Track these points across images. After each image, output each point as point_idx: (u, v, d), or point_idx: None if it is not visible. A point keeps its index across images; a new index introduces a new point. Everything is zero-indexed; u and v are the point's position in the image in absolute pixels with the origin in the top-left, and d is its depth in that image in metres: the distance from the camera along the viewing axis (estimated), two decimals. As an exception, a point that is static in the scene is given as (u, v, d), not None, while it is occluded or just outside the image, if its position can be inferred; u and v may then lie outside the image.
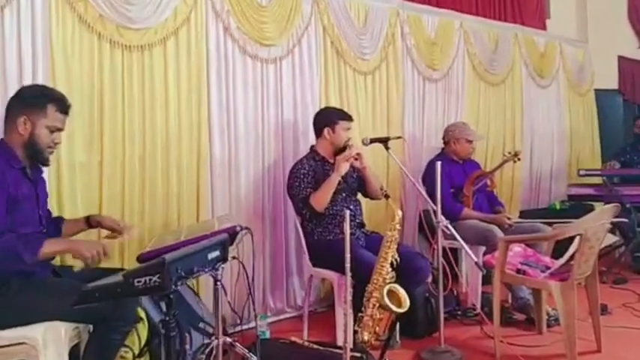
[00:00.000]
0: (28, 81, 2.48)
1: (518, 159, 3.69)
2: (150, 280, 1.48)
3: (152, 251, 2.13)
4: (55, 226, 2.27)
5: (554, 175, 5.33)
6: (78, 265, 2.08)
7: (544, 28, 5.40)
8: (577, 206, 4.79)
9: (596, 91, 5.83)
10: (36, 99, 2.06)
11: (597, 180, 4.84)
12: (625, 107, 6.11)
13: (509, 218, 3.55)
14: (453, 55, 4.42)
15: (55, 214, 2.58)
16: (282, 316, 3.48)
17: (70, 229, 2.31)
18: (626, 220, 3.91)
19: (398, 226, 2.60)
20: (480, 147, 4.62)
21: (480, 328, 3.18)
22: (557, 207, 4.88)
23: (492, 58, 4.69)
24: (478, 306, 3.40)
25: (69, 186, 2.66)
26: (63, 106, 2.10)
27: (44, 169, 2.42)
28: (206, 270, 1.71)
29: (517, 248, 2.98)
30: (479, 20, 4.62)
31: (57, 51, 2.59)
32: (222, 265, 2.01)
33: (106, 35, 2.73)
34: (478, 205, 3.70)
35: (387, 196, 2.64)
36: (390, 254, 2.56)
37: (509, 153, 3.74)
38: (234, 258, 1.97)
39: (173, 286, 1.52)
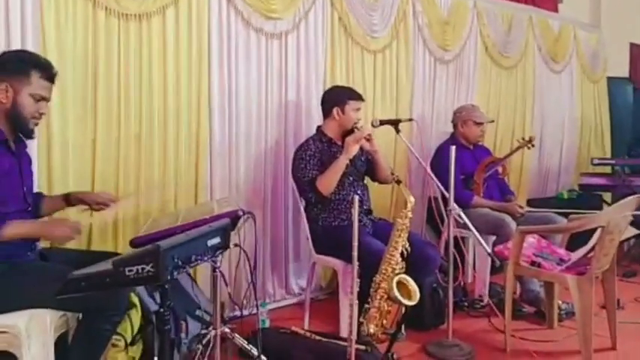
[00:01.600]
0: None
1: (532, 145, 3.54)
2: (143, 269, 1.33)
3: (146, 236, 1.97)
4: (35, 203, 2.10)
5: (563, 163, 5.17)
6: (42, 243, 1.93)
7: (556, 11, 5.19)
8: (585, 196, 4.66)
9: (608, 78, 5.64)
10: (19, 65, 1.89)
11: (608, 170, 4.70)
12: (635, 97, 5.92)
13: (521, 207, 3.40)
14: (465, 35, 4.23)
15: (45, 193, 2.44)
16: (281, 303, 3.35)
17: (48, 207, 2.16)
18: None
19: (410, 214, 2.45)
20: (490, 132, 4.46)
21: (487, 320, 3.06)
22: (565, 196, 4.74)
23: (506, 41, 4.50)
24: (486, 297, 3.29)
25: (60, 165, 2.50)
26: (48, 73, 1.93)
27: (32, 145, 2.28)
28: (205, 258, 1.56)
29: (531, 239, 2.83)
30: (492, 0, 4.42)
31: (48, 19, 2.40)
32: (222, 253, 1.88)
33: (101, 2, 2.54)
34: (489, 192, 3.55)
35: (398, 182, 2.48)
36: (400, 243, 2.41)
37: (523, 139, 3.58)
38: (236, 245, 1.82)
39: (169, 276, 1.37)
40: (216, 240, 1.62)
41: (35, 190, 2.25)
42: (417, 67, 3.97)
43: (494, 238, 3.25)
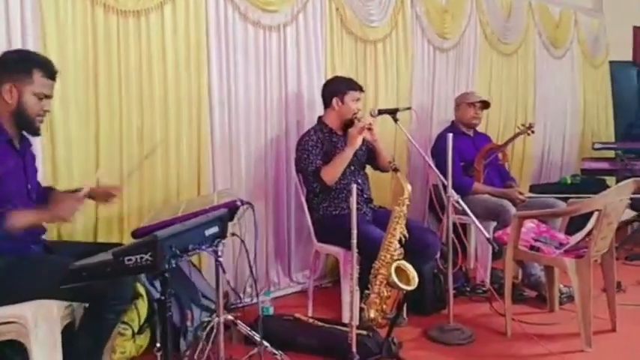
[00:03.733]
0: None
1: (532, 131, 3.55)
2: (141, 258, 1.38)
3: (147, 227, 2.03)
4: (44, 198, 2.15)
5: (566, 148, 5.18)
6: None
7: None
8: (588, 181, 4.67)
9: (610, 62, 5.62)
10: (20, 64, 1.92)
11: (611, 154, 4.70)
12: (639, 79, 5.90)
13: (521, 193, 3.42)
14: (464, 23, 4.24)
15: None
16: (285, 292, 3.40)
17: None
18: (640, 195, 3.77)
19: (407, 201, 2.49)
20: (492, 120, 4.49)
21: (489, 305, 3.09)
22: (569, 181, 4.75)
23: (505, 27, 4.50)
24: (487, 282, 3.32)
25: (64, 160, 2.55)
26: (49, 71, 1.97)
27: (35, 141, 2.33)
28: (203, 247, 1.61)
29: (530, 224, 2.86)
30: (491, -13, 4.42)
31: (48, 17, 2.44)
32: (223, 242, 1.92)
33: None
34: (489, 179, 3.57)
35: (395, 170, 2.52)
36: (398, 230, 2.45)
37: (523, 125, 3.59)
38: (233, 234, 1.87)
39: (166, 265, 1.41)
40: (213, 229, 1.66)
41: (43, 184, 2.31)
42: (416, 56, 3.99)
43: (495, 224, 3.29)
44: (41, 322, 1.79)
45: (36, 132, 2.05)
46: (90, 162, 2.64)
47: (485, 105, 3.67)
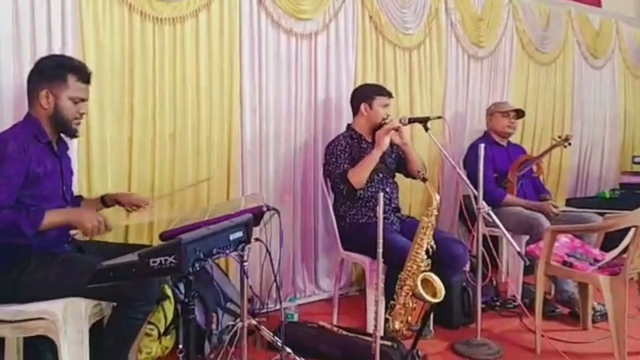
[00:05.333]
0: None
1: (569, 144, 3.45)
2: (165, 260, 1.40)
3: (173, 230, 2.06)
4: (74, 205, 2.22)
5: (605, 162, 5.02)
6: (79, 236, 2.03)
7: (599, 5, 5.03)
8: (628, 195, 4.50)
9: (654, 73, 5.43)
10: (55, 70, 1.99)
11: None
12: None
13: (555, 206, 3.33)
14: (500, 31, 4.17)
15: (84, 189, 2.57)
16: (311, 299, 3.40)
17: (86, 209, 2.25)
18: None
19: (435, 212, 2.46)
20: (528, 130, 4.40)
21: (519, 320, 3.01)
22: (607, 196, 4.59)
23: (543, 36, 4.41)
24: (519, 297, 3.24)
25: (99, 162, 2.62)
26: (83, 75, 2.03)
27: (72, 143, 2.40)
28: (227, 252, 1.62)
29: (564, 239, 2.78)
30: (529, -5, 4.34)
31: (87, 23, 2.53)
32: (248, 246, 1.93)
33: (136, 7, 2.65)
34: (523, 191, 3.49)
35: (424, 180, 2.49)
36: (425, 241, 2.42)
37: (559, 137, 3.49)
38: (257, 240, 1.88)
39: (190, 268, 1.43)
40: (238, 234, 1.67)
41: (75, 193, 2.38)
42: (450, 64, 3.94)
43: (527, 237, 3.21)
44: (70, 320, 1.84)
45: (74, 134, 2.12)
46: (123, 164, 2.72)
47: (520, 114, 3.60)
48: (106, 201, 2.32)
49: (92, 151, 2.59)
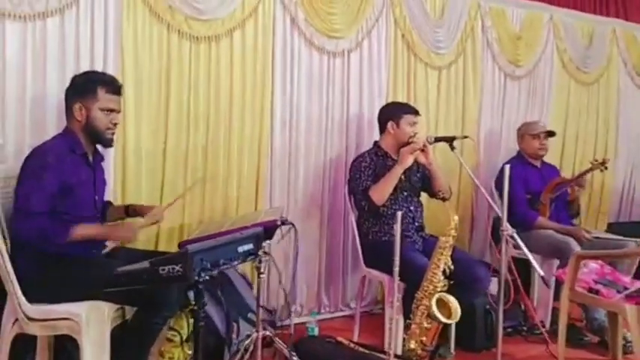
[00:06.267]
0: (99, 69, 2.58)
1: (605, 167, 3.34)
2: (173, 269, 1.48)
3: (191, 240, 2.15)
4: (102, 210, 2.35)
5: (652, 185, 4.80)
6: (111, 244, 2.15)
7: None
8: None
9: None
10: (86, 85, 2.14)
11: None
12: None
13: (588, 232, 3.23)
14: (540, 50, 4.09)
15: (119, 198, 2.71)
16: (336, 314, 3.42)
17: (111, 215, 2.40)
18: None
19: (453, 232, 2.45)
20: (568, 153, 4.29)
21: (545, 347, 2.93)
22: (653, 222, 4.41)
23: (585, 55, 4.29)
24: (548, 323, 3.15)
25: (134, 171, 2.76)
26: (113, 87, 2.17)
27: (109, 154, 2.56)
28: (234, 263, 1.69)
29: (593, 265, 2.71)
30: (570, 13, 4.23)
31: (126, 42, 2.68)
32: (265, 259, 2.01)
33: (174, 26, 2.80)
34: (556, 214, 3.40)
35: (443, 199, 2.50)
36: (442, 261, 2.41)
37: (596, 160, 3.38)
38: (265, 253, 1.94)
39: (196, 277, 1.50)
40: (248, 246, 1.74)
41: (110, 197, 2.53)
42: (486, 83, 3.90)
43: (558, 262, 3.13)
44: (93, 321, 1.95)
45: (108, 144, 2.26)
46: (157, 175, 2.85)
47: (551, 134, 3.52)
48: (129, 211, 2.44)
49: (128, 161, 2.74)
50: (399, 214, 2.22)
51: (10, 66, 2.44)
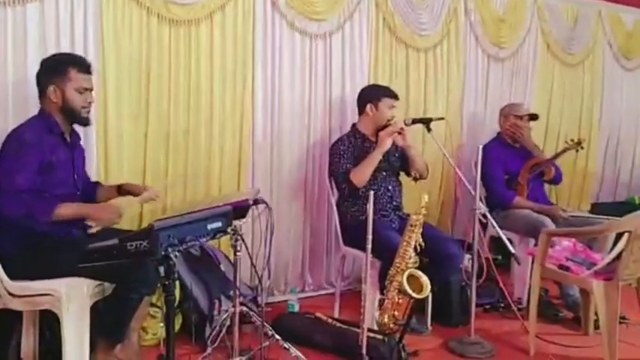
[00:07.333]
0: (80, 54, 2.61)
1: (582, 147, 3.40)
2: (140, 244, 1.54)
3: (163, 218, 2.20)
4: (91, 190, 2.42)
5: (636, 167, 4.86)
6: (95, 227, 2.21)
7: (637, 4, 4.86)
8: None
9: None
10: (57, 66, 2.19)
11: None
12: None
13: (564, 210, 3.30)
14: (523, 32, 4.12)
15: (102, 179, 2.76)
16: (319, 292, 3.51)
17: (102, 195, 2.45)
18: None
19: (424, 210, 2.51)
20: (551, 134, 4.33)
21: (521, 323, 3.01)
22: (637, 201, 4.48)
23: (570, 37, 4.31)
24: (525, 300, 3.23)
25: (116, 156, 2.81)
26: (83, 66, 2.22)
27: (91, 137, 2.62)
28: (202, 240, 1.75)
29: (566, 242, 2.77)
30: (556, -5, 4.26)
31: (107, 25, 2.71)
32: (237, 236, 2.08)
33: (154, 10, 2.82)
34: (534, 194, 3.47)
35: (415, 179, 2.57)
36: (413, 238, 2.48)
37: (572, 140, 3.45)
38: (234, 231, 2.00)
39: (162, 252, 1.57)
40: (217, 224, 1.80)
41: (95, 177, 2.58)
42: (469, 65, 3.94)
43: (534, 241, 3.19)
44: (73, 297, 2.03)
45: (85, 122, 2.31)
46: (138, 158, 2.90)
47: (533, 117, 3.56)
48: (121, 190, 2.49)
49: (109, 145, 2.78)
50: (372, 193, 2.28)
51: (-9, 51, 2.48)
